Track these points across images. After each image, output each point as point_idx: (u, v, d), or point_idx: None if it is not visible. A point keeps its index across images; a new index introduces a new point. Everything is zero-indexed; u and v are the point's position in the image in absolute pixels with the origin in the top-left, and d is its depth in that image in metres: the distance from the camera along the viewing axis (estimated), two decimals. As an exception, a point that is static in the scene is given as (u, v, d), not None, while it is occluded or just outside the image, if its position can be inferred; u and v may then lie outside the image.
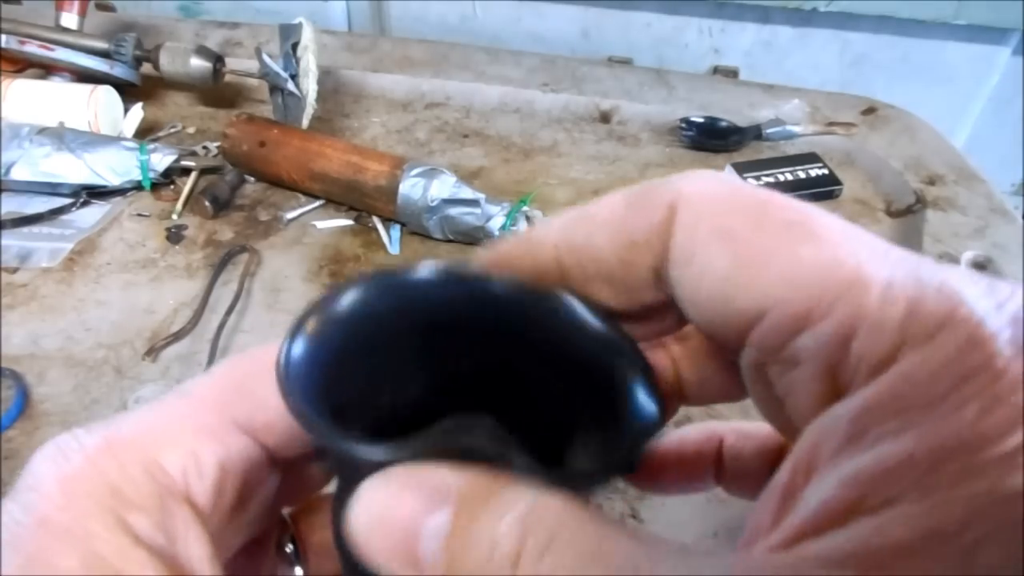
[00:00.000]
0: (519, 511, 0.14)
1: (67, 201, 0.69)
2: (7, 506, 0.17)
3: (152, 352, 0.57)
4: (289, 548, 0.21)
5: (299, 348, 0.17)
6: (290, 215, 0.70)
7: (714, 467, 0.22)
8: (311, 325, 0.18)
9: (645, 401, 0.18)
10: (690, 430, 0.23)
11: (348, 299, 0.19)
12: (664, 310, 0.19)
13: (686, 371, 0.20)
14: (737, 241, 0.16)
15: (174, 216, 0.69)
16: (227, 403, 0.19)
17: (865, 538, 0.12)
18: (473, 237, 0.66)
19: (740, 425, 0.23)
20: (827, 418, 0.14)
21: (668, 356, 0.21)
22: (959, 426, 0.13)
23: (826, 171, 0.76)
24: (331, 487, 0.22)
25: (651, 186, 0.18)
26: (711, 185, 0.17)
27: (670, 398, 0.20)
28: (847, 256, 0.15)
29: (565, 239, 0.19)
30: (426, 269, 0.20)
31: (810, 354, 0.15)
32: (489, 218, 0.65)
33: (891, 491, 0.12)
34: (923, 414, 0.13)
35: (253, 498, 0.19)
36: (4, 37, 0.75)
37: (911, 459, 0.13)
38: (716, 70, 0.99)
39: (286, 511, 0.23)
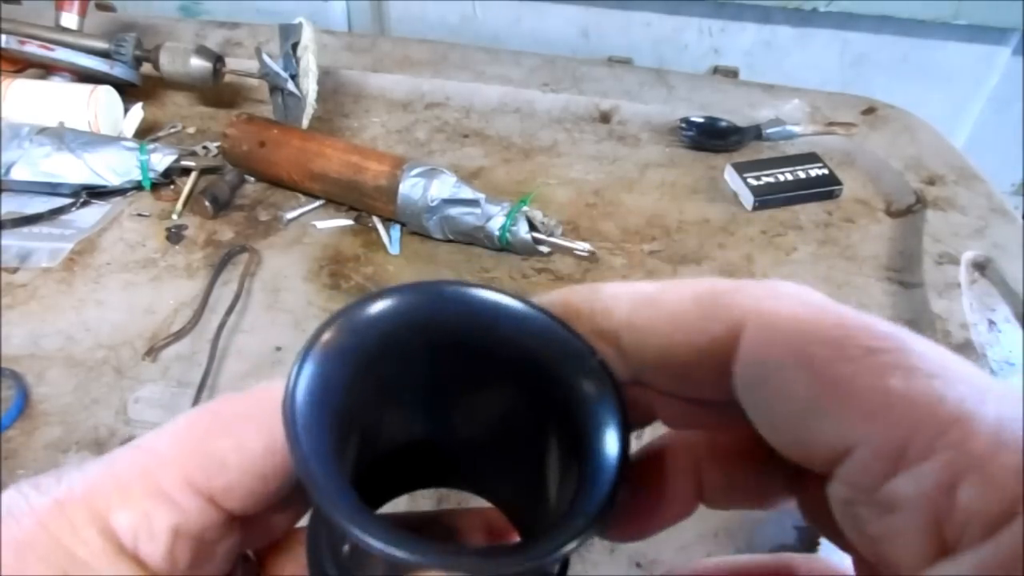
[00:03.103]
0: None
1: (67, 201, 0.69)
2: None
3: (152, 352, 0.57)
4: None
5: (305, 383, 0.17)
6: (290, 215, 0.70)
7: None
8: (327, 340, 0.17)
9: (610, 459, 0.18)
10: (756, 559, 0.21)
11: (375, 309, 0.18)
12: (724, 408, 0.18)
13: (710, 473, 0.19)
14: (816, 368, 0.15)
15: (174, 216, 0.69)
16: (185, 464, 0.18)
17: None
18: (473, 237, 0.66)
19: (814, 560, 0.21)
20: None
21: (691, 456, 0.20)
22: None
23: (826, 171, 0.76)
24: (303, 521, 0.21)
25: (722, 292, 0.17)
26: (785, 303, 0.16)
27: (685, 499, 0.20)
28: (944, 390, 0.13)
29: (630, 318, 0.18)
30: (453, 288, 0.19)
31: (911, 501, 0.13)
32: (489, 218, 0.65)
33: None
34: None
35: (213, 554, 0.19)
36: (4, 37, 0.75)
37: None
38: (716, 70, 0.99)
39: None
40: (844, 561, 0.18)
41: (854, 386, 0.14)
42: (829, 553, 0.20)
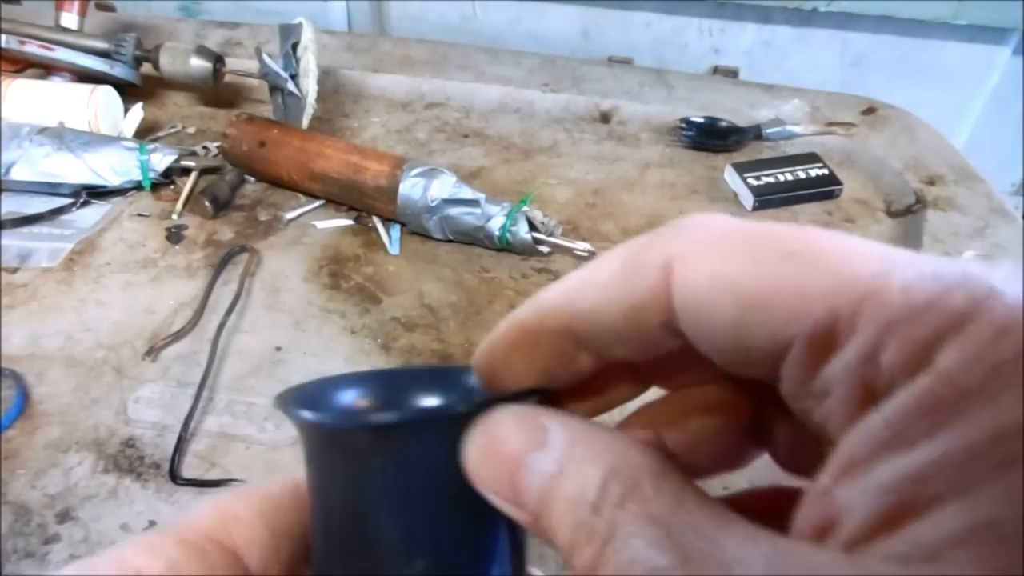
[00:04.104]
0: (607, 459, 0.15)
1: (67, 201, 0.69)
2: None
3: (152, 352, 0.57)
4: None
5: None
6: (290, 215, 0.70)
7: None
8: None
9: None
10: (753, 491, 0.21)
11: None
12: (690, 353, 0.18)
13: (672, 436, 0.20)
14: (738, 286, 0.16)
15: (174, 216, 0.69)
16: (210, 519, 0.20)
17: (917, 539, 0.12)
18: (473, 237, 0.66)
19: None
20: (863, 423, 0.14)
21: (647, 421, 0.20)
22: (994, 418, 0.12)
23: (826, 171, 0.76)
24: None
25: (642, 245, 0.17)
26: (701, 235, 0.17)
27: None
28: (855, 270, 0.15)
29: (574, 310, 0.19)
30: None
31: (841, 380, 0.15)
32: (489, 218, 0.65)
33: (933, 491, 0.12)
34: (956, 410, 0.13)
35: None
36: (4, 37, 0.75)
37: (947, 457, 0.13)
38: (716, 70, 0.99)
39: None
40: None
41: (775, 292, 0.15)
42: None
